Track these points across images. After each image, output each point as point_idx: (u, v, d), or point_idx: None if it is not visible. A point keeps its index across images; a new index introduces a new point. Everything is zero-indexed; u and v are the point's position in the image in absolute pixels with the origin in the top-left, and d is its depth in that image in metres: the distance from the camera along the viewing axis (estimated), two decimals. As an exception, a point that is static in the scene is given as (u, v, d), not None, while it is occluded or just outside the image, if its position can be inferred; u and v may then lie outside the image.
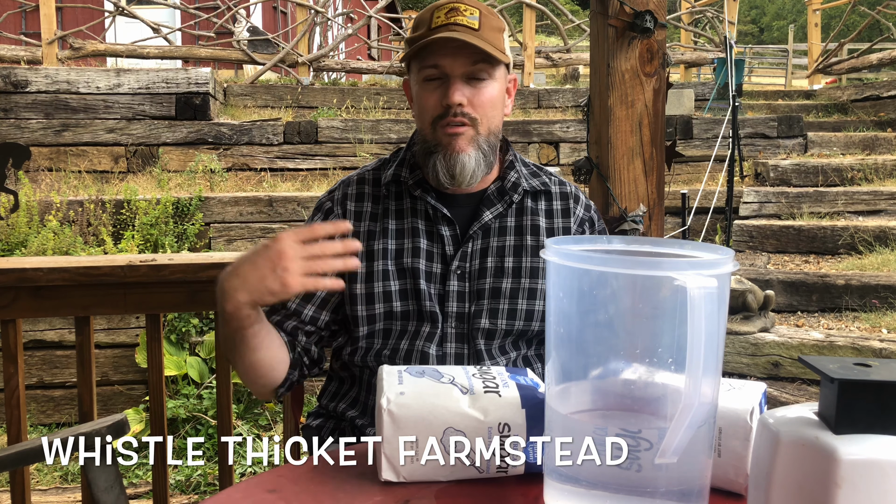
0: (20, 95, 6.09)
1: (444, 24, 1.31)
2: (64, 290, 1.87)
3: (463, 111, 1.31)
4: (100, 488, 1.42)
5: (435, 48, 1.30)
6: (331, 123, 6.42)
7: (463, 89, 1.31)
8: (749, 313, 3.74)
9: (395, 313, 1.35)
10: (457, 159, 1.32)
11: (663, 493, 0.75)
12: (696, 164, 6.39)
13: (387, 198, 1.41)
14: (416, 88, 1.37)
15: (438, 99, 1.32)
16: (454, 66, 1.31)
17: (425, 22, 1.34)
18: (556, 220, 1.44)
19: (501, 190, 1.41)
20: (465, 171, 1.33)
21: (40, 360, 4.12)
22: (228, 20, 8.50)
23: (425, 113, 1.35)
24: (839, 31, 9.90)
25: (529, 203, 1.43)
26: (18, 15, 10.13)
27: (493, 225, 1.39)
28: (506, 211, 1.40)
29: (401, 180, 1.40)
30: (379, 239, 1.38)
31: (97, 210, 4.99)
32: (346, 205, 1.41)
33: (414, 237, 1.37)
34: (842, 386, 0.62)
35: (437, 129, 1.33)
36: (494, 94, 1.34)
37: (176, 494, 3.34)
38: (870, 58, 8.94)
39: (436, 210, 1.37)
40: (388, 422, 0.88)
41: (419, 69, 1.34)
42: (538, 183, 1.44)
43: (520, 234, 1.40)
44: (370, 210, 1.40)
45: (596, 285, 0.77)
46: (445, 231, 1.37)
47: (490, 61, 1.32)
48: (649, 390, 0.77)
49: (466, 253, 1.37)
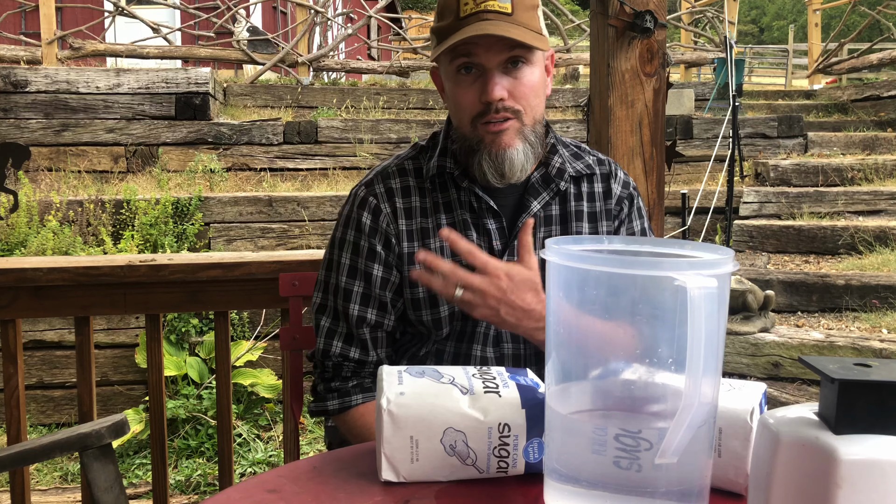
0: (20, 95, 6.09)
1: (472, 11, 1.18)
2: (64, 290, 1.87)
3: (505, 105, 1.21)
4: (100, 488, 1.42)
5: (467, 40, 1.18)
6: (331, 123, 6.41)
7: (502, 81, 1.20)
8: (749, 313, 3.74)
9: (457, 313, 1.28)
10: (504, 156, 1.23)
11: (663, 494, 0.75)
12: (696, 164, 6.39)
13: (433, 191, 1.31)
14: (450, 83, 1.26)
15: (476, 95, 1.21)
16: (489, 57, 1.19)
17: (451, 9, 1.21)
18: (597, 203, 1.36)
19: (546, 177, 1.32)
20: (515, 166, 1.24)
21: (40, 360, 4.12)
22: (228, 20, 8.49)
23: (463, 111, 1.24)
24: (839, 31, 9.89)
25: (572, 189, 1.35)
26: (18, 15, 10.12)
27: (539, 215, 1.32)
28: (552, 199, 1.33)
29: (446, 172, 1.31)
30: (434, 236, 1.29)
31: (97, 210, 4.99)
32: (395, 201, 1.30)
33: (465, 230, 1.29)
34: (842, 386, 0.62)
35: (479, 127, 1.23)
36: (535, 81, 1.24)
37: (176, 494, 3.34)
38: (870, 58, 8.93)
39: (481, 202, 1.29)
40: (388, 422, 0.88)
41: (451, 60, 1.23)
42: (583, 166, 1.36)
43: (564, 221, 1.33)
44: (419, 205, 1.31)
45: (596, 285, 0.77)
46: (492, 224, 1.30)
47: (529, 47, 1.20)
48: (649, 390, 0.77)
49: (515, 246, 1.27)
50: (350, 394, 1.30)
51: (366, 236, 1.30)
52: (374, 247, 1.30)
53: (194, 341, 4.16)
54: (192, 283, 1.89)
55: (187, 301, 1.94)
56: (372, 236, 1.30)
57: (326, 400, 1.31)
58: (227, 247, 5.20)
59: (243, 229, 5.25)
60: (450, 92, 1.27)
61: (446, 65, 1.25)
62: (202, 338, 4.17)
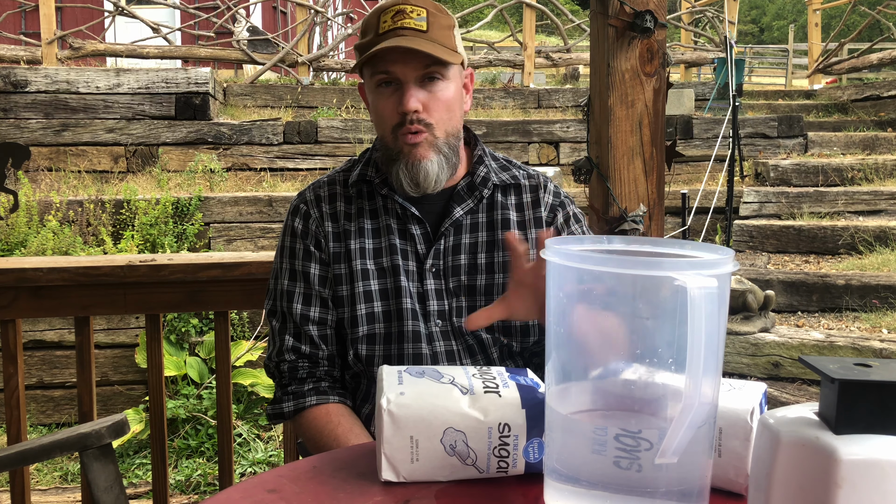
0: (20, 95, 6.09)
1: (390, 28, 1.27)
2: (64, 290, 1.87)
3: (419, 117, 1.29)
4: (100, 488, 1.42)
5: (385, 54, 1.27)
6: (330, 123, 6.42)
7: (417, 94, 1.28)
8: (749, 313, 3.74)
9: (377, 314, 1.34)
10: (419, 167, 1.31)
11: (663, 494, 0.75)
12: (696, 164, 6.40)
13: (358, 198, 1.39)
14: (372, 96, 1.34)
15: (394, 106, 1.30)
16: (406, 71, 1.28)
17: (372, 27, 1.31)
18: (526, 212, 1.41)
19: (471, 185, 1.39)
20: (429, 177, 1.31)
21: (40, 360, 4.12)
22: (228, 20, 8.49)
23: (383, 121, 1.33)
24: (839, 30, 9.90)
25: (500, 198, 1.41)
26: (18, 15, 10.12)
27: (464, 221, 1.38)
28: (476, 206, 1.39)
29: (366, 179, 1.39)
30: (355, 238, 1.36)
31: (97, 210, 4.99)
32: (322, 206, 1.39)
33: (389, 235, 1.36)
34: (842, 386, 0.62)
35: (398, 137, 1.31)
36: (450, 96, 1.32)
37: (176, 494, 3.34)
38: (870, 58, 8.94)
39: (404, 209, 1.36)
40: (388, 422, 0.88)
41: (371, 75, 1.32)
42: (508, 177, 1.42)
43: (491, 228, 1.38)
44: (343, 210, 1.39)
45: (596, 285, 0.77)
46: (416, 230, 1.36)
47: (443, 62, 1.28)
48: (649, 390, 0.77)
49: (439, 250, 1.36)
50: (304, 395, 1.34)
51: (299, 239, 1.39)
52: (307, 247, 1.38)
53: (194, 341, 4.16)
54: (192, 283, 1.89)
55: (187, 301, 1.94)
56: (304, 238, 1.38)
57: (282, 402, 1.35)
58: (227, 247, 5.20)
59: (243, 229, 5.25)
60: (372, 103, 1.36)
61: (368, 78, 1.34)
62: (202, 338, 4.17)
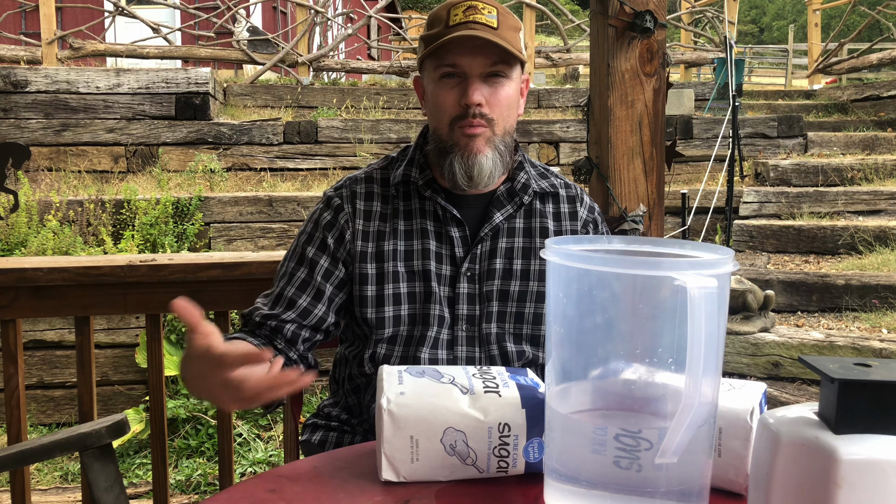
0: (20, 95, 6.09)
1: (462, 21, 1.28)
2: (64, 290, 1.87)
3: (481, 112, 1.29)
4: (100, 488, 1.42)
5: (453, 46, 1.28)
6: (331, 123, 6.41)
7: (482, 89, 1.29)
8: (749, 313, 3.74)
9: (403, 317, 1.34)
10: (475, 160, 1.31)
11: (663, 493, 0.75)
12: (696, 164, 6.39)
13: (396, 198, 1.38)
14: (432, 87, 1.34)
15: (457, 99, 1.30)
16: (473, 65, 1.29)
17: (442, 20, 1.31)
18: (563, 222, 1.42)
19: (511, 191, 1.39)
20: (483, 172, 1.31)
21: (40, 360, 4.12)
22: (228, 20, 8.49)
23: (442, 113, 1.32)
24: (839, 31, 9.90)
25: (538, 205, 1.41)
26: (18, 15, 10.12)
27: (502, 226, 1.38)
28: (515, 212, 1.39)
29: (411, 180, 1.38)
30: (389, 239, 1.35)
31: (97, 210, 4.99)
32: (356, 203, 1.38)
33: (423, 238, 1.35)
34: (842, 386, 0.62)
35: (455, 129, 1.31)
36: (511, 94, 1.33)
37: (176, 494, 3.34)
38: (870, 58, 8.94)
39: (445, 211, 1.36)
40: (389, 422, 0.88)
41: (435, 67, 1.32)
42: (547, 185, 1.43)
43: (528, 235, 1.39)
44: (379, 210, 1.38)
45: (596, 285, 0.77)
46: (455, 232, 1.36)
47: (509, 61, 1.30)
48: (649, 390, 0.77)
49: (476, 254, 1.35)
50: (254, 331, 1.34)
51: (322, 229, 1.38)
52: (325, 239, 1.37)
53: (194, 341, 4.15)
54: (192, 283, 1.89)
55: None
56: (327, 230, 1.37)
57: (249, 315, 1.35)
58: (228, 247, 5.20)
59: (243, 229, 5.25)
60: (431, 95, 1.35)
61: (431, 70, 1.34)
62: (202, 338, 4.16)
